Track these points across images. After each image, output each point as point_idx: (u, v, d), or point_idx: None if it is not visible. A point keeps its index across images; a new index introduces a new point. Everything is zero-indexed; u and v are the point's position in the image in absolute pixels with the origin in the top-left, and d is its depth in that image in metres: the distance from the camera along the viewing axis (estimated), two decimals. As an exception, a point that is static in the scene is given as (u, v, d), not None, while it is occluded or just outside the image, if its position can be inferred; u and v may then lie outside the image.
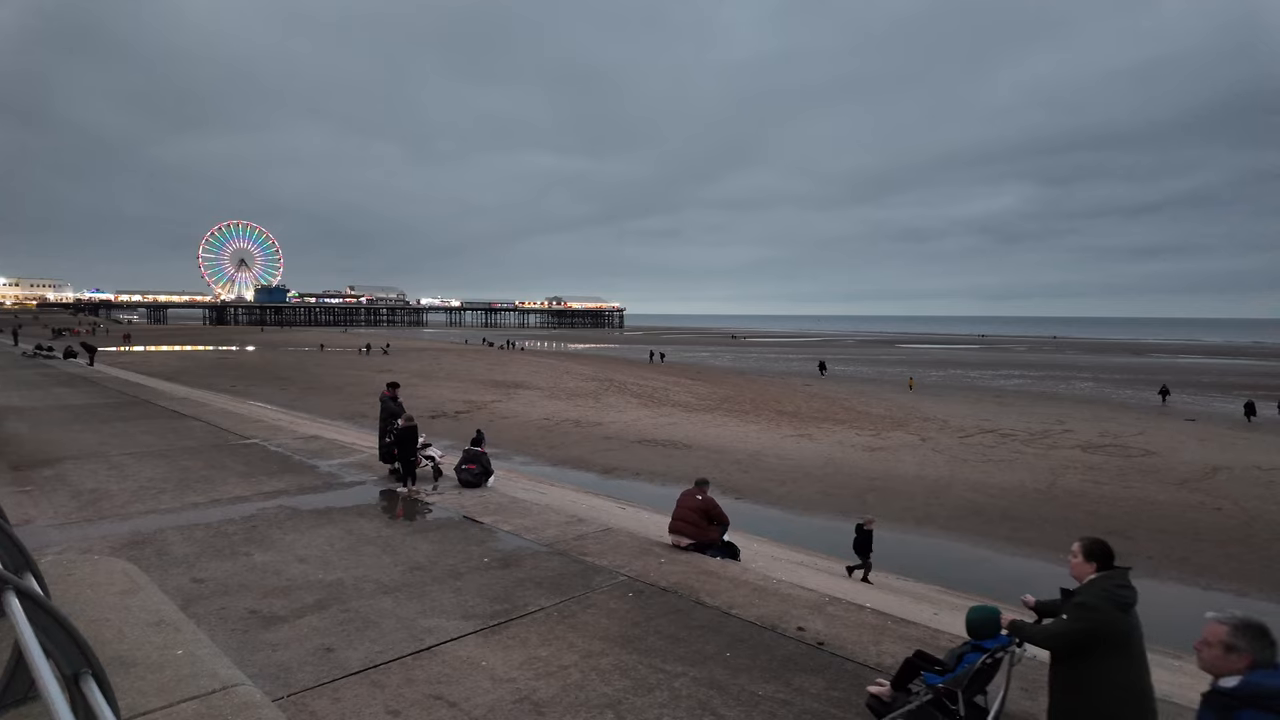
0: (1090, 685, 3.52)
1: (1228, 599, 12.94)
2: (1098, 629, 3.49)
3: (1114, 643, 3.50)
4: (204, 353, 66.65)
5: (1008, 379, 58.34)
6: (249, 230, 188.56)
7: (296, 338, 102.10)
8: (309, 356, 63.92)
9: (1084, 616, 3.54)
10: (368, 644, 5.74)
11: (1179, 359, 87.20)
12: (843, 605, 6.90)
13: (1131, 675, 3.49)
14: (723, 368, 66.33)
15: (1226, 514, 18.10)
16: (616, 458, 22.93)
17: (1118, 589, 3.58)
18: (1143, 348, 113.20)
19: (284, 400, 32.60)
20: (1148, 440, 28.20)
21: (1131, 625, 3.55)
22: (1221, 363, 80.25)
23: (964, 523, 17.04)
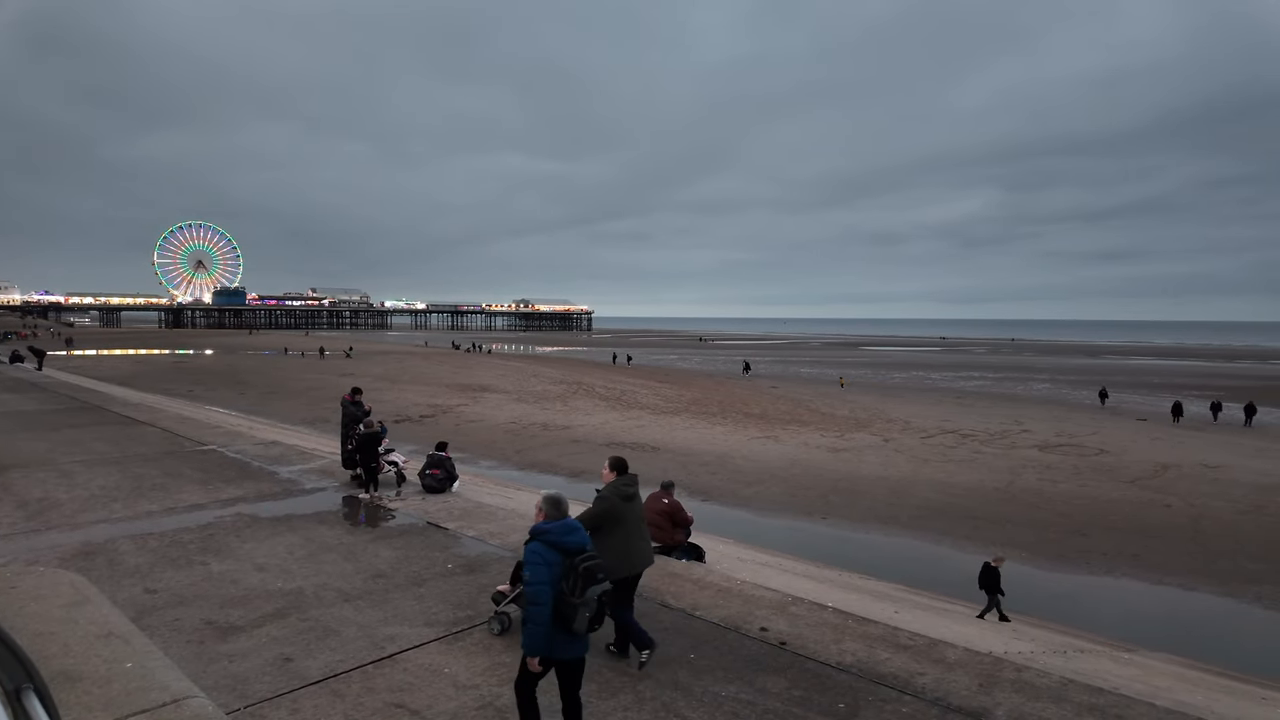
0: (602, 548, 5.12)
1: (1176, 593, 13.39)
2: (609, 511, 5.57)
3: (617, 519, 5.56)
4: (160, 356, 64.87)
5: (968, 380, 59.57)
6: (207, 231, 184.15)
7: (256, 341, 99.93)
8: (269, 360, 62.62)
9: (601, 503, 5.64)
10: (328, 653, 5.65)
11: (1130, 360, 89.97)
12: (805, 605, 6.99)
13: (624, 541, 5.57)
14: (691, 370, 66.63)
15: (1175, 511, 18.71)
16: (585, 461, 22.87)
17: (624, 486, 5.74)
18: (1097, 350, 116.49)
19: (243, 405, 31.89)
20: (1101, 440, 29.03)
21: (630, 509, 5.69)
22: (1170, 364, 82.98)
23: (926, 522, 17.35)
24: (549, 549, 4.13)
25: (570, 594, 4.05)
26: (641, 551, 5.70)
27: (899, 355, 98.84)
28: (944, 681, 5.36)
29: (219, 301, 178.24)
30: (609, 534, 5.46)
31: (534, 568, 4.09)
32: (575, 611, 4.03)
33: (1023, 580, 14.05)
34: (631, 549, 5.58)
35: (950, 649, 6.03)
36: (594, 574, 4.11)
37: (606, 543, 5.35)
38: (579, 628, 4.06)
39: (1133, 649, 10.20)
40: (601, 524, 5.45)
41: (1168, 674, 7.62)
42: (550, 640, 4.10)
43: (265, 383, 43.24)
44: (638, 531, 5.68)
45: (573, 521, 4.37)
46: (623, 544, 5.52)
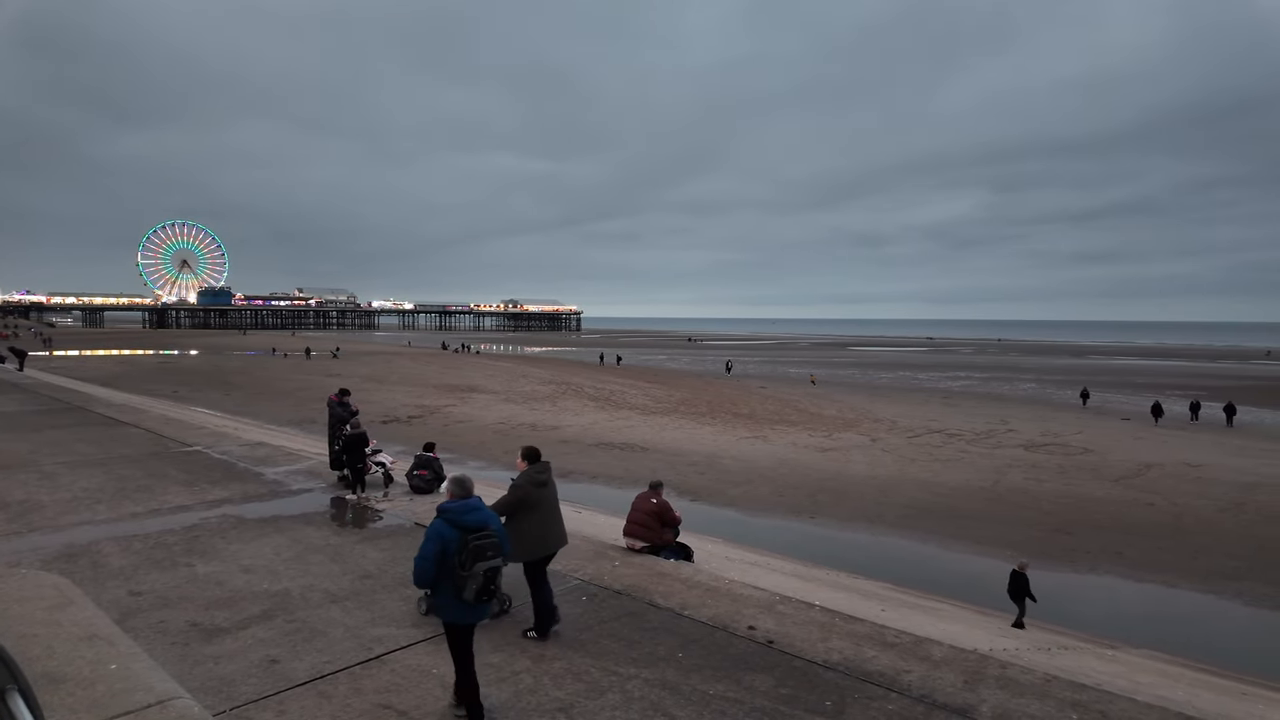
0: (517, 530, 5.77)
1: (1159, 590, 13.53)
2: (523, 498, 5.96)
3: (530, 506, 5.96)
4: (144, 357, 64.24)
5: (955, 380, 59.97)
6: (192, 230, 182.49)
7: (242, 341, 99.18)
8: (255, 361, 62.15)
9: (515, 490, 6.05)
10: (314, 654, 5.63)
11: (1115, 360, 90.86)
12: (792, 604, 7.02)
13: (539, 525, 5.97)
14: (680, 370, 66.72)
15: (1158, 509, 18.92)
16: (573, 461, 22.86)
17: (537, 475, 6.09)
18: (1082, 350, 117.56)
19: (229, 406, 31.65)
20: (1086, 439, 29.32)
21: (543, 495, 6.07)
22: (1154, 364, 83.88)
23: (913, 521, 17.46)
24: (448, 526, 4.59)
25: (461, 567, 4.48)
26: (555, 534, 6.18)
27: (886, 355, 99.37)
28: (930, 679, 5.41)
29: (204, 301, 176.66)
30: (523, 518, 5.91)
31: (426, 543, 4.61)
32: (465, 583, 4.50)
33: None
34: (546, 532, 6.05)
35: (936, 646, 6.09)
36: (483, 551, 4.53)
37: (521, 526, 5.86)
38: (468, 597, 4.52)
39: (1117, 646, 10.32)
40: (515, 510, 5.91)
41: (1150, 670, 7.72)
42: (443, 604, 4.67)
43: (251, 383, 42.91)
44: (551, 515, 6.13)
45: (474, 502, 4.78)
46: (537, 527, 5.98)
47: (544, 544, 6.03)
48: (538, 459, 6.18)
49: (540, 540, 5.99)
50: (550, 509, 6.12)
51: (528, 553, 5.91)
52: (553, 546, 6.14)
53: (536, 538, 5.95)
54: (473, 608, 4.64)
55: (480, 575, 4.51)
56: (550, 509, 6.12)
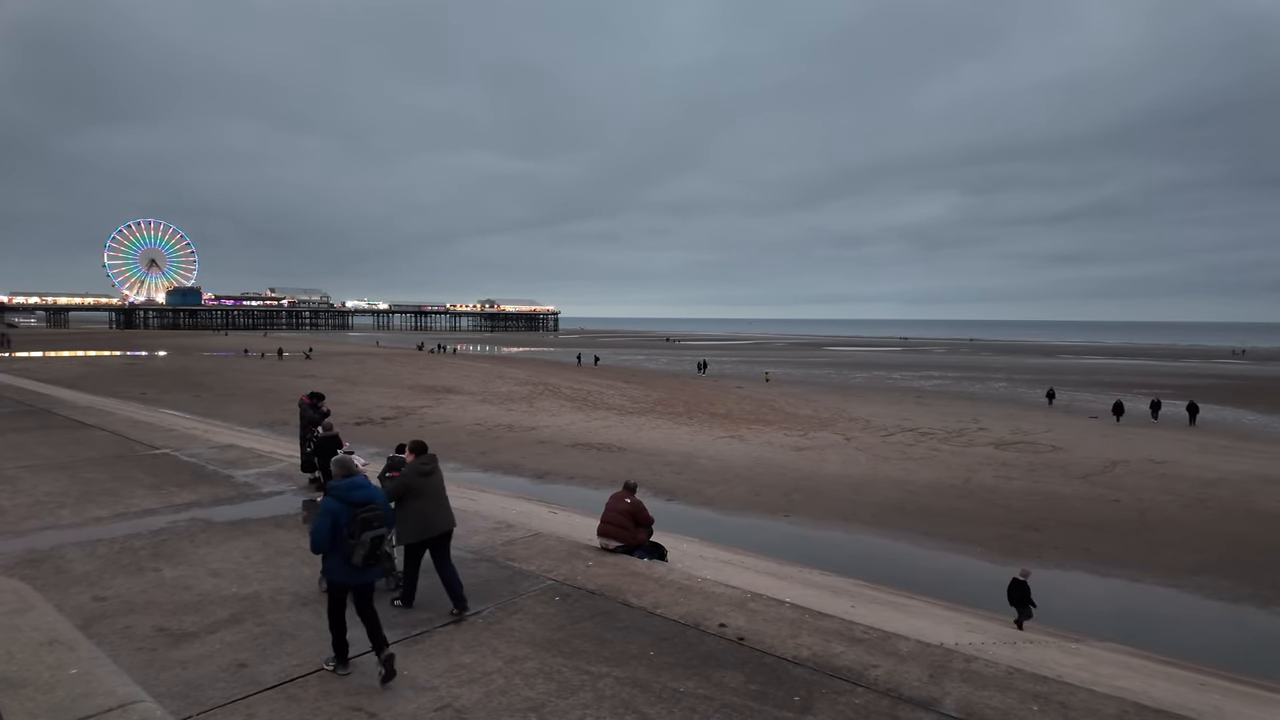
0: (403, 515, 6.55)
1: (1124, 584, 13.84)
2: (408, 485, 6.66)
3: (416, 493, 6.64)
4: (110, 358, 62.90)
5: (927, 380, 60.76)
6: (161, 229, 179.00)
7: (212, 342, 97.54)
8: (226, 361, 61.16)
9: (401, 479, 6.79)
10: (284, 657, 5.60)
11: (1084, 360, 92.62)
12: (763, 601, 7.10)
13: (423, 510, 6.62)
14: (657, 370, 66.83)
15: (1124, 505, 19.34)
16: (550, 462, 22.82)
17: (421, 465, 6.81)
18: (1052, 349, 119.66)
19: (198, 408, 31.12)
20: (1055, 437, 29.87)
21: (427, 483, 6.74)
22: (1122, 363, 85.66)
23: (885, 518, 17.68)
24: (337, 502, 5.25)
25: (350, 536, 5.16)
26: (440, 518, 6.78)
27: (861, 355, 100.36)
28: (896, 673, 5.51)
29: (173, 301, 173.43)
30: (409, 504, 6.62)
31: (319, 517, 5.22)
32: (353, 550, 5.18)
33: (979, 574, 14.43)
34: (430, 516, 6.68)
35: (903, 641, 6.20)
36: (369, 522, 5.23)
37: (407, 511, 6.60)
38: (356, 561, 5.20)
39: (1081, 639, 10.55)
40: (402, 496, 6.63)
41: (1112, 662, 7.91)
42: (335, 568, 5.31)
43: (222, 385, 42.24)
44: (436, 501, 6.76)
45: (359, 480, 5.48)
46: (421, 512, 6.63)
47: (428, 527, 6.66)
48: (424, 451, 7.01)
49: (425, 523, 6.64)
50: (434, 495, 6.77)
51: (412, 535, 6.62)
52: (438, 528, 6.73)
53: (421, 521, 6.62)
54: (360, 570, 5.30)
55: (367, 542, 5.21)
56: (434, 495, 6.77)
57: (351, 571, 5.28)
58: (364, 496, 5.32)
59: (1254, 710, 6.23)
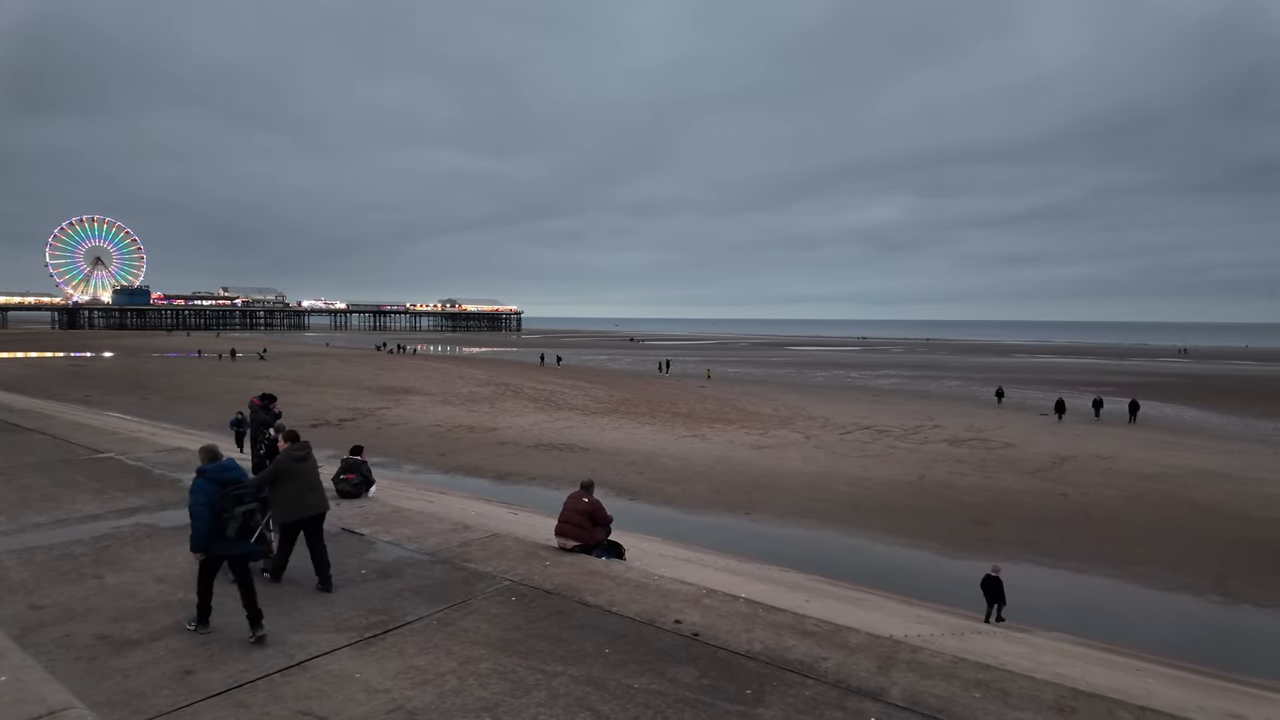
0: (278, 497, 7.04)
1: (1069, 575, 14.29)
2: (281, 470, 7.15)
3: (289, 477, 7.13)
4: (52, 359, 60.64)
5: (884, 379, 61.92)
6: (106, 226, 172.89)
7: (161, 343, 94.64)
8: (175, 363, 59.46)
9: (275, 464, 7.30)
10: (231, 663, 5.49)
11: (1035, 359, 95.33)
12: (719, 597, 7.19)
13: (296, 493, 7.13)
14: (621, 370, 66.87)
15: (1071, 499, 19.98)
16: (511, 463, 22.70)
17: (295, 452, 7.31)
18: (1005, 349, 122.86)
19: (146, 410, 30.19)
20: (1006, 434, 30.71)
21: (300, 469, 7.24)
22: (1071, 362, 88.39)
23: (842, 515, 17.99)
24: (209, 483, 5.87)
25: (223, 511, 5.83)
26: (312, 501, 7.31)
27: (821, 355, 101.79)
28: (845, 665, 5.63)
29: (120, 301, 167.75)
30: (282, 487, 7.11)
31: (194, 495, 5.85)
32: (226, 523, 5.84)
33: (931, 568, 14.78)
34: (303, 499, 7.21)
35: (853, 634, 6.34)
36: (240, 499, 5.92)
37: (281, 494, 7.10)
38: (230, 533, 5.87)
39: (1027, 629, 10.89)
40: (275, 480, 7.12)
41: (1054, 650, 8.18)
42: (212, 542, 5.86)
43: (171, 386, 41.06)
44: (308, 485, 7.29)
45: (227, 462, 6.12)
46: (294, 495, 7.15)
47: (301, 508, 7.20)
48: (297, 439, 7.58)
49: (298, 505, 7.18)
50: (307, 480, 7.30)
51: (286, 515, 7.17)
52: (310, 511, 7.26)
53: (294, 503, 7.16)
54: (235, 542, 5.94)
55: (239, 516, 5.88)
56: (307, 480, 7.30)
57: (227, 543, 5.92)
58: (233, 477, 6.00)
59: (1181, 692, 6.51)
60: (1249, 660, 10.82)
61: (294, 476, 7.20)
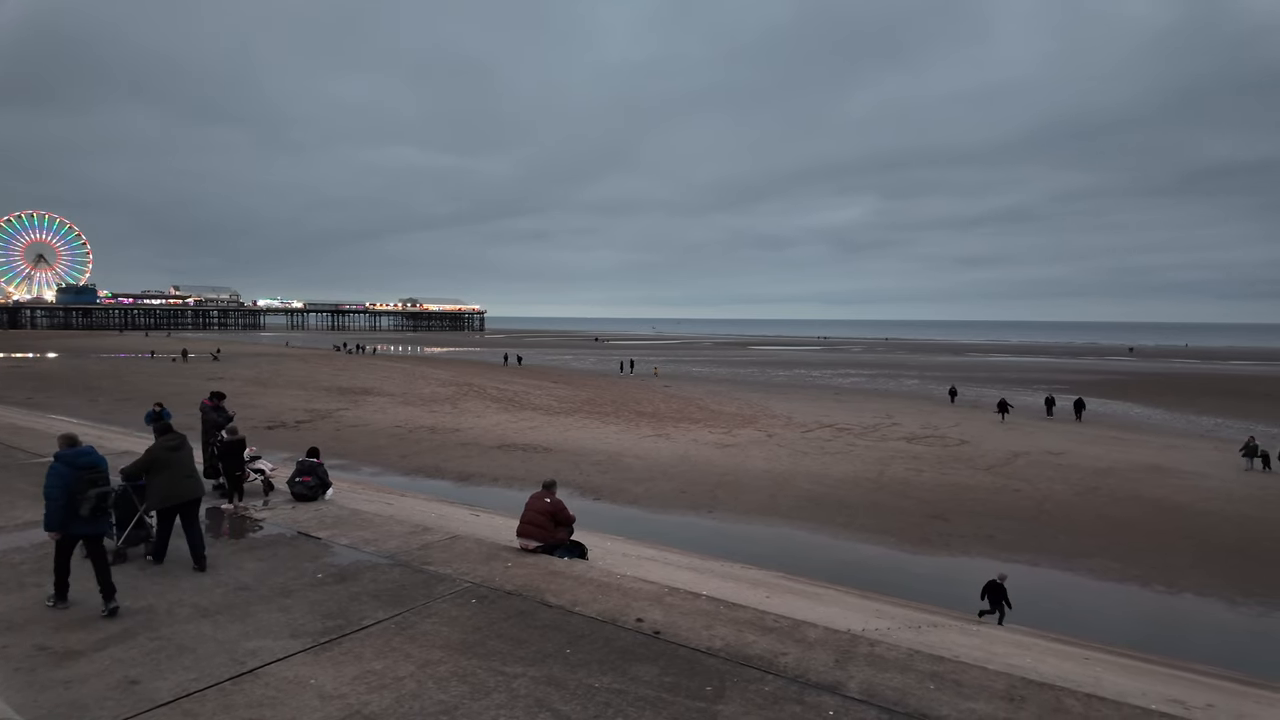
0: (152, 484, 7.64)
1: (1023, 568, 14.65)
2: (154, 461, 7.58)
3: (162, 465, 7.59)
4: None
5: (845, 377, 62.87)
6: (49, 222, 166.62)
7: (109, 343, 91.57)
8: (124, 364, 57.57)
9: (147, 454, 7.69)
10: (180, 672, 5.34)
11: (990, 357, 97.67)
12: (681, 595, 7.22)
13: (169, 480, 7.58)
14: (585, 370, 66.71)
15: (1024, 494, 20.52)
16: (474, 464, 22.48)
17: (168, 443, 7.78)
18: (962, 348, 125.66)
19: (94, 413, 29.18)
20: (962, 431, 31.41)
21: (174, 457, 7.65)
22: (1025, 360, 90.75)
23: (804, 512, 18.21)
24: (65, 466, 6.25)
25: (78, 493, 6.21)
26: (186, 487, 7.71)
27: (784, 354, 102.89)
28: (804, 660, 5.70)
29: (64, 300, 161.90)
30: (156, 475, 7.59)
31: (49, 478, 6.24)
32: (80, 504, 6.23)
33: (890, 563, 15.04)
34: (176, 486, 7.63)
35: (812, 629, 6.41)
36: (95, 481, 6.33)
37: (155, 481, 7.60)
38: (84, 513, 6.26)
39: (981, 621, 11.16)
40: (149, 468, 7.60)
41: (1007, 642, 8.40)
42: (67, 522, 6.26)
43: (120, 388, 39.74)
44: (182, 472, 7.71)
45: (84, 449, 6.48)
46: (167, 483, 7.58)
47: (174, 494, 7.59)
48: (170, 431, 8.19)
49: (171, 491, 7.58)
50: (180, 468, 7.70)
51: (159, 501, 7.60)
52: (183, 497, 7.66)
53: (167, 489, 7.58)
54: (89, 522, 6.34)
55: (93, 498, 6.28)
56: (180, 468, 7.70)
57: (82, 523, 6.31)
58: (89, 462, 6.37)
59: (1127, 679, 6.73)
60: (1190, 647, 11.25)
61: (168, 465, 7.61)
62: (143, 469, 7.64)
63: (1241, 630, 12.41)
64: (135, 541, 8.16)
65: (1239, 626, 12.55)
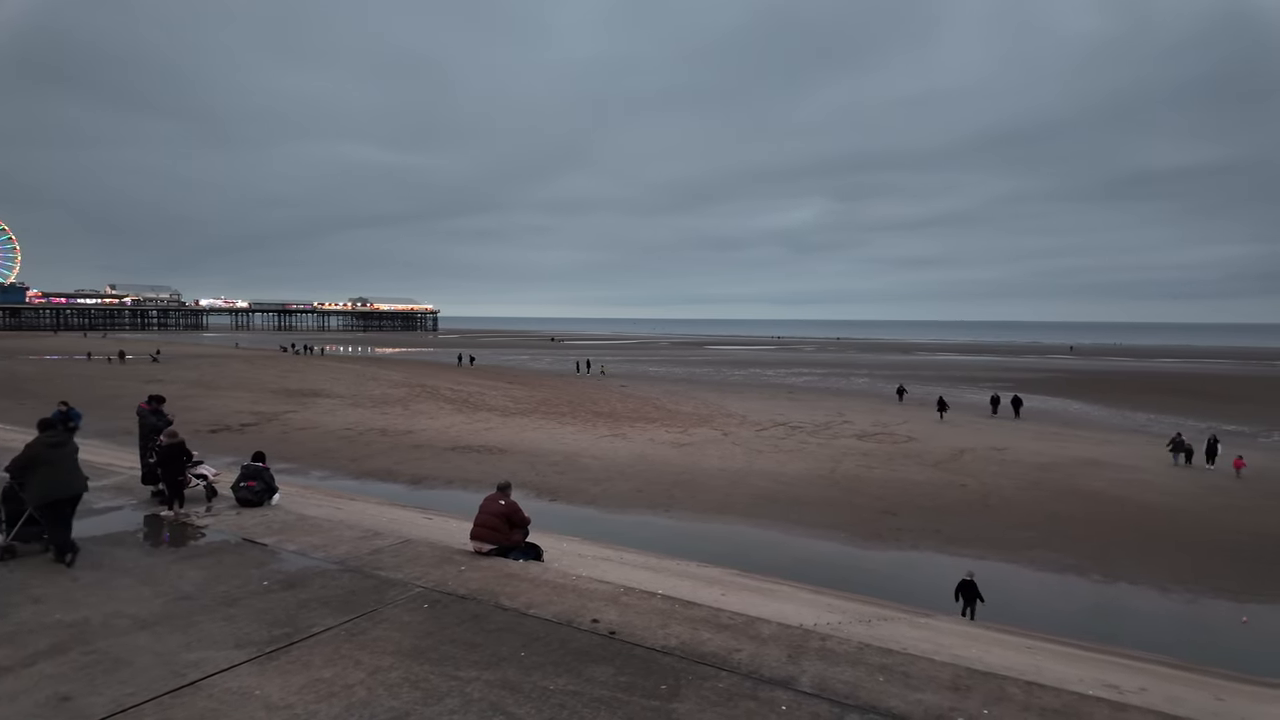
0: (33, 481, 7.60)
1: (969, 562, 15.07)
2: (34, 458, 7.61)
3: (41, 462, 7.61)
4: (-90, 364, 55.03)
5: (799, 376, 63.86)
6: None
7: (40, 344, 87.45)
8: (57, 366, 55.05)
9: (27, 450, 7.71)
10: (116, 686, 5.12)
11: (937, 356, 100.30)
12: (636, 594, 7.23)
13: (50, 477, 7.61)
14: (542, 370, 66.30)
15: (970, 489, 21.13)
16: (427, 466, 22.15)
17: (49, 439, 7.77)
18: (910, 347, 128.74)
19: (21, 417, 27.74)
20: (910, 428, 32.18)
21: (55, 454, 7.69)
22: (969, 359, 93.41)
23: (759, 509, 18.43)
24: None
25: None
26: (66, 483, 7.78)
27: (739, 354, 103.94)
28: (758, 656, 5.77)
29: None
30: (37, 472, 7.61)
31: None
32: None
33: (842, 558, 15.32)
34: (56, 482, 7.68)
35: (765, 625, 6.50)
36: None
37: (35, 478, 7.61)
38: None
39: (930, 614, 11.43)
40: (30, 465, 7.62)
41: (954, 633, 8.64)
42: None
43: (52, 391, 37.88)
44: (63, 469, 7.76)
45: None
46: (47, 478, 7.62)
47: (55, 490, 7.65)
48: (50, 428, 8.05)
49: (51, 488, 7.63)
50: (62, 464, 7.73)
51: (40, 498, 7.61)
52: (64, 493, 7.72)
53: (48, 486, 7.61)
54: None
55: None
56: (62, 464, 7.73)
57: None
58: None
59: (1066, 667, 6.99)
60: (1125, 634, 11.75)
61: (49, 461, 7.63)
62: (22, 464, 7.62)
63: (1172, 616, 13.01)
64: (28, 539, 7.98)
65: (1169, 613, 13.15)
